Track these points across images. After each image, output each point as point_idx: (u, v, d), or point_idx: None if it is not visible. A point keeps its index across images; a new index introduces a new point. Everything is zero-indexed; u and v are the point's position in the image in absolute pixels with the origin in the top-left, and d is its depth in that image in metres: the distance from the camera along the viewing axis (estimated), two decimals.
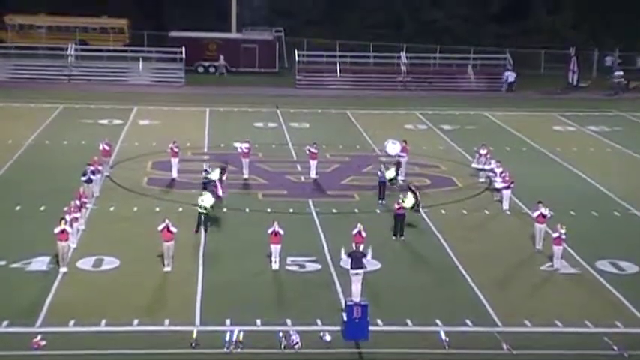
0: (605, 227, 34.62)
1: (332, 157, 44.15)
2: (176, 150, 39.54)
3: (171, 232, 28.16)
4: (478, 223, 34.60)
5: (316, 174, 39.99)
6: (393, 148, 40.25)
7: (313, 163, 40.03)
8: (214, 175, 35.03)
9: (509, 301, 26.92)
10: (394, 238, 31.96)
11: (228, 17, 74.04)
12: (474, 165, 40.52)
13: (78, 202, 31.54)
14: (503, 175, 36.47)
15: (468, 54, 71.75)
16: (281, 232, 28.73)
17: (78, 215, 30.83)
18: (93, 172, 35.56)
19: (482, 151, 40.21)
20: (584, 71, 71.86)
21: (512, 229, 33.96)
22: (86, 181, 34.91)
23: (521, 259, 30.47)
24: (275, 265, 28.67)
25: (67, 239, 28.13)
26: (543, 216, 30.94)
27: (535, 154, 47.00)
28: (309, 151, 40.09)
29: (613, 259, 30.50)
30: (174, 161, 39.35)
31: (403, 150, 40.24)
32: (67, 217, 29.26)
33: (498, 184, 36.52)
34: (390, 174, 36.81)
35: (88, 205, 33.45)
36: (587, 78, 71.67)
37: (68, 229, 28.42)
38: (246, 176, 39.52)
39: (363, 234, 28.75)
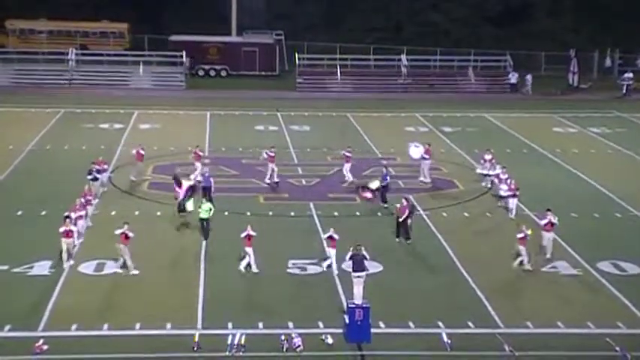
0: (606, 228, 34.62)
1: (333, 160, 44.16)
2: (200, 153, 39.88)
3: (128, 238, 28.17)
4: (480, 225, 34.59)
5: (352, 176, 39.84)
6: (416, 151, 40.04)
7: (347, 166, 40.00)
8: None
9: (511, 303, 26.92)
10: (397, 240, 31.98)
11: (228, 21, 74.13)
12: (478, 171, 40.04)
13: (83, 200, 32.13)
14: (508, 181, 36.01)
15: (468, 56, 71.84)
16: (253, 234, 28.66)
17: (82, 213, 31.41)
18: (98, 171, 36.25)
19: (487, 157, 39.76)
20: (585, 73, 71.88)
21: (513, 231, 33.76)
22: (92, 180, 35.58)
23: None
24: (254, 268, 28.52)
25: (71, 237, 28.45)
26: (552, 224, 30.32)
27: (536, 155, 47.00)
28: (345, 155, 40.13)
29: (614, 260, 30.49)
30: (198, 165, 39.36)
31: (426, 152, 40.05)
32: (72, 215, 29.96)
33: (504, 192, 35.87)
34: (374, 185, 35.85)
35: (93, 202, 34.08)
36: (587, 79, 71.70)
37: (72, 227, 28.97)
38: (268, 181, 39.36)
39: (335, 236, 28.66)
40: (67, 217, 29.29)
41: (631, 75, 68.86)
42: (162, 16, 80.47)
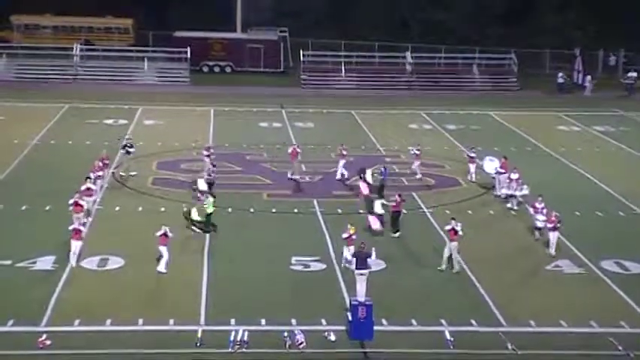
0: (609, 227, 34.57)
1: (337, 157, 44.08)
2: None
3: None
4: (483, 222, 34.55)
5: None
6: (491, 165, 38.39)
7: (207, 161, 38.96)
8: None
9: (514, 301, 26.90)
10: (393, 235, 32.10)
11: (233, 17, 74.07)
12: (504, 191, 36.79)
13: (100, 163, 36.03)
14: (544, 210, 31.78)
15: (473, 54, 71.74)
16: (82, 229, 28.44)
17: (101, 174, 35.60)
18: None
19: (514, 176, 36.57)
20: (590, 71, 71.69)
21: (516, 228, 33.90)
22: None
23: (526, 259, 30.43)
24: (73, 262, 28.27)
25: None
26: (455, 232, 29.03)
27: (540, 153, 46.94)
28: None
29: (618, 259, 30.46)
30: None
31: (502, 166, 37.94)
32: (92, 175, 33.83)
33: (541, 223, 31.79)
34: (378, 208, 33.36)
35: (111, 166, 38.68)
36: (592, 78, 71.47)
37: (92, 186, 32.79)
38: (419, 176, 40.12)
39: (170, 234, 28.39)
40: (88, 177, 33.07)
41: (635, 74, 68.66)
42: (167, 12, 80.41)
